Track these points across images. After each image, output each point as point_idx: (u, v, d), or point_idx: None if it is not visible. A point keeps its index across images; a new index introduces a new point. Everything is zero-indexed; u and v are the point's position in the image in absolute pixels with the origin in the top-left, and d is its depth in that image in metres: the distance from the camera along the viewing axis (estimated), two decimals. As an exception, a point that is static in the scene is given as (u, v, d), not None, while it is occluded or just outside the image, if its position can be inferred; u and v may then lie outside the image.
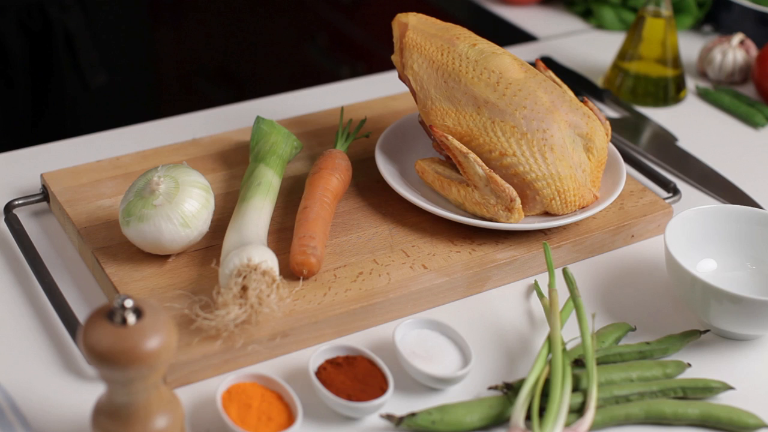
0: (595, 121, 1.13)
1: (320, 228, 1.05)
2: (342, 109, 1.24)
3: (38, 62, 1.49)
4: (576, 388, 0.93)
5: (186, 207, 1.01)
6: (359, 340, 1.00)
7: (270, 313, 0.95)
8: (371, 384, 0.92)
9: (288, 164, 1.19)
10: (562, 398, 0.89)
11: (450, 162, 1.14)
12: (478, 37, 1.16)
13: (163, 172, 1.03)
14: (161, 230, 1.00)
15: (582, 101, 1.16)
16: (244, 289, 0.95)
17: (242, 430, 0.87)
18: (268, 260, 0.97)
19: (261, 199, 1.06)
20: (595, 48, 1.61)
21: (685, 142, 1.37)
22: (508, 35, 1.69)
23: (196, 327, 0.95)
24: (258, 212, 1.04)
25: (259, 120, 1.17)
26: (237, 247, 0.98)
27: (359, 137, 1.22)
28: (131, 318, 0.77)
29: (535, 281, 1.07)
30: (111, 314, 0.77)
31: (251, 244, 0.98)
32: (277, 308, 0.95)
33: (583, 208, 1.12)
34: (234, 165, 1.19)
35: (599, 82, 1.51)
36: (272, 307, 0.95)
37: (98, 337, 0.76)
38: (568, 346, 0.99)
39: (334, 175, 1.11)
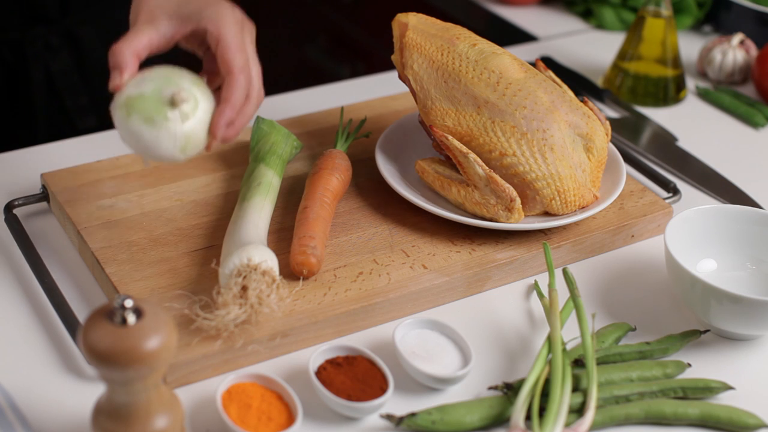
0: (595, 121, 1.13)
1: (320, 228, 1.05)
2: (342, 109, 1.24)
3: (17, 97, 1.45)
4: (576, 388, 0.93)
5: (195, 137, 0.95)
6: (359, 340, 1.00)
7: (270, 313, 0.95)
8: (371, 384, 0.92)
9: (288, 164, 1.19)
10: (562, 398, 0.89)
11: (450, 162, 1.14)
12: (478, 37, 1.16)
13: (189, 85, 0.95)
14: (160, 144, 0.94)
15: (582, 101, 1.16)
16: (244, 289, 0.95)
17: (242, 430, 0.87)
18: (268, 260, 0.97)
19: (261, 199, 1.06)
20: (595, 48, 1.61)
21: (685, 142, 1.37)
22: (508, 35, 1.69)
23: (196, 327, 0.95)
24: (258, 212, 1.04)
25: (259, 120, 1.17)
26: (237, 247, 0.98)
27: (359, 137, 1.22)
28: (131, 318, 0.77)
29: (535, 281, 1.07)
30: (111, 314, 0.77)
31: (251, 244, 0.98)
32: (277, 308, 0.95)
33: (583, 208, 1.12)
34: (234, 165, 1.19)
35: (599, 82, 1.51)
36: (272, 307, 0.95)
37: (98, 337, 0.76)
38: (568, 346, 0.99)
39: (334, 175, 1.11)
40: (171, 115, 0.93)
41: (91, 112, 1.48)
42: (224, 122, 0.95)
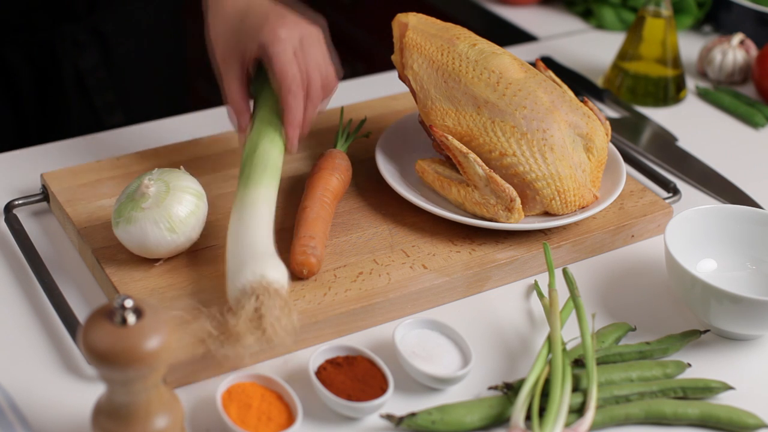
0: (595, 121, 1.13)
1: (320, 228, 1.05)
2: (342, 109, 1.24)
3: (47, 98, 1.45)
4: (576, 388, 0.93)
5: (174, 212, 1.01)
6: (359, 340, 1.00)
7: (282, 343, 0.92)
8: (371, 384, 0.92)
9: (289, 164, 1.19)
10: (562, 398, 0.89)
11: (450, 162, 1.14)
12: (478, 37, 1.16)
13: (156, 175, 1.03)
14: (147, 234, 1.00)
15: (582, 101, 1.16)
16: (256, 310, 0.93)
17: (242, 430, 0.87)
18: (281, 278, 0.93)
19: (266, 190, 1.01)
20: (595, 48, 1.61)
21: (685, 142, 1.37)
22: (508, 35, 1.69)
23: (208, 352, 0.93)
24: (266, 204, 0.99)
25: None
26: (248, 258, 0.94)
27: (359, 137, 1.22)
28: (131, 318, 0.77)
29: (535, 281, 1.07)
30: (111, 314, 0.77)
31: (263, 256, 0.94)
32: (290, 339, 0.92)
33: (583, 208, 1.12)
34: (234, 165, 1.19)
35: (599, 82, 1.51)
36: (284, 337, 0.91)
37: (98, 337, 0.76)
38: (568, 346, 0.99)
39: (334, 175, 1.11)
40: (145, 205, 1.00)
41: (118, 108, 1.48)
42: (290, 141, 1.04)
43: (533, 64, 1.19)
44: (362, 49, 2.29)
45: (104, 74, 1.47)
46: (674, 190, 1.22)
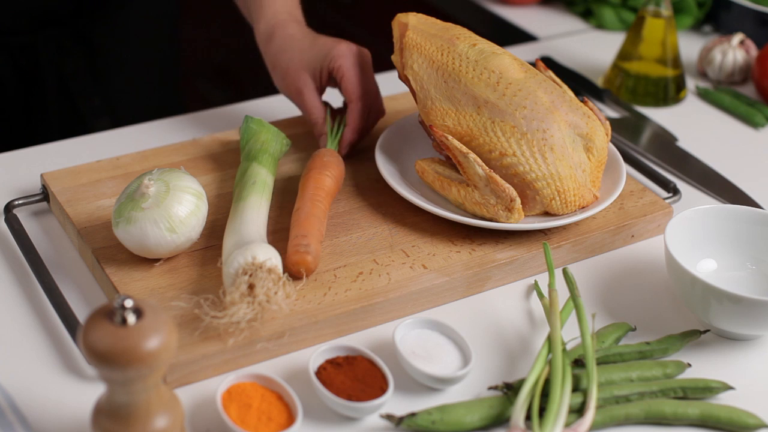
0: (595, 121, 1.13)
1: (313, 225, 1.04)
2: (328, 105, 1.22)
3: (30, 101, 1.45)
4: (576, 388, 0.93)
5: (174, 212, 1.01)
6: (359, 340, 1.00)
7: (278, 310, 0.95)
8: (371, 384, 0.92)
9: (284, 165, 1.19)
10: (562, 398, 0.89)
11: (450, 162, 1.14)
12: (478, 37, 1.16)
13: (156, 175, 1.03)
14: (147, 234, 1.00)
15: (582, 101, 1.16)
16: (251, 287, 0.95)
17: (242, 430, 0.87)
18: (273, 258, 0.97)
19: (258, 197, 1.06)
20: (595, 48, 1.61)
21: (685, 142, 1.37)
22: (508, 35, 1.69)
23: (205, 326, 0.95)
24: (256, 210, 1.04)
25: (247, 119, 1.17)
26: (240, 246, 0.98)
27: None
28: (131, 318, 0.77)
29: (535, 281, 1.07)
30: (111, 314, 0.77)
31: (254, 243, 0.98)
32: (285, 305, 0.95)
33: (583, 208, 1.12)
34: (234, 165, 1.19)
35: (599, 82, 1.51)
36: (280, 305, 0.95)
37: (98, 337, 0.76)
38: (568, 346, 0.99)
39: (324, 173, 1.11)
40: (145, 205, 1.00)
41: (104, 113, 1.48)
42: (346, 143, 1.19)
43: (533, 64, 1.19)
44: (362, 49, 2.28)
45: (90, 79, 1.46)
46: (674, 190, 1.22)
